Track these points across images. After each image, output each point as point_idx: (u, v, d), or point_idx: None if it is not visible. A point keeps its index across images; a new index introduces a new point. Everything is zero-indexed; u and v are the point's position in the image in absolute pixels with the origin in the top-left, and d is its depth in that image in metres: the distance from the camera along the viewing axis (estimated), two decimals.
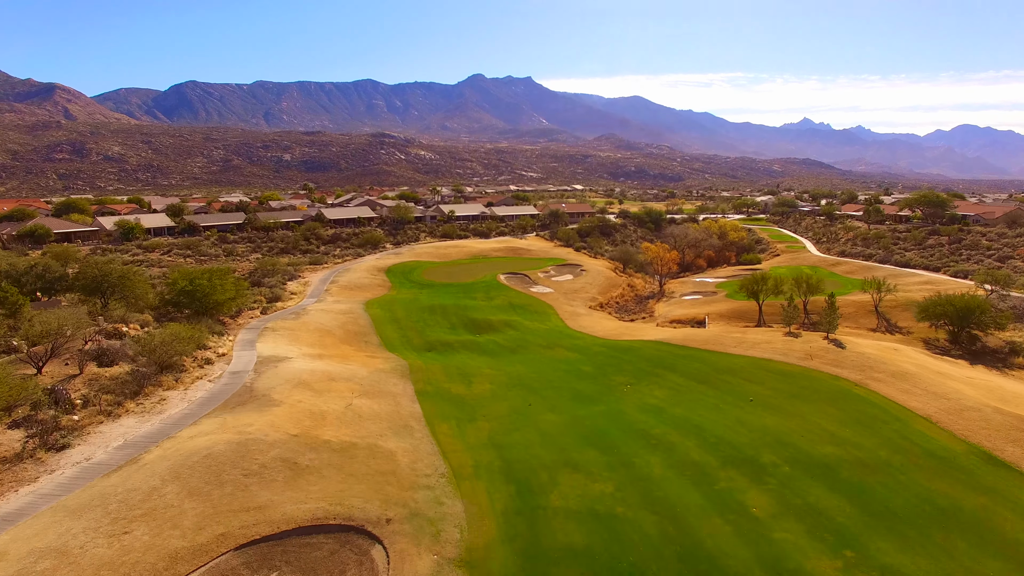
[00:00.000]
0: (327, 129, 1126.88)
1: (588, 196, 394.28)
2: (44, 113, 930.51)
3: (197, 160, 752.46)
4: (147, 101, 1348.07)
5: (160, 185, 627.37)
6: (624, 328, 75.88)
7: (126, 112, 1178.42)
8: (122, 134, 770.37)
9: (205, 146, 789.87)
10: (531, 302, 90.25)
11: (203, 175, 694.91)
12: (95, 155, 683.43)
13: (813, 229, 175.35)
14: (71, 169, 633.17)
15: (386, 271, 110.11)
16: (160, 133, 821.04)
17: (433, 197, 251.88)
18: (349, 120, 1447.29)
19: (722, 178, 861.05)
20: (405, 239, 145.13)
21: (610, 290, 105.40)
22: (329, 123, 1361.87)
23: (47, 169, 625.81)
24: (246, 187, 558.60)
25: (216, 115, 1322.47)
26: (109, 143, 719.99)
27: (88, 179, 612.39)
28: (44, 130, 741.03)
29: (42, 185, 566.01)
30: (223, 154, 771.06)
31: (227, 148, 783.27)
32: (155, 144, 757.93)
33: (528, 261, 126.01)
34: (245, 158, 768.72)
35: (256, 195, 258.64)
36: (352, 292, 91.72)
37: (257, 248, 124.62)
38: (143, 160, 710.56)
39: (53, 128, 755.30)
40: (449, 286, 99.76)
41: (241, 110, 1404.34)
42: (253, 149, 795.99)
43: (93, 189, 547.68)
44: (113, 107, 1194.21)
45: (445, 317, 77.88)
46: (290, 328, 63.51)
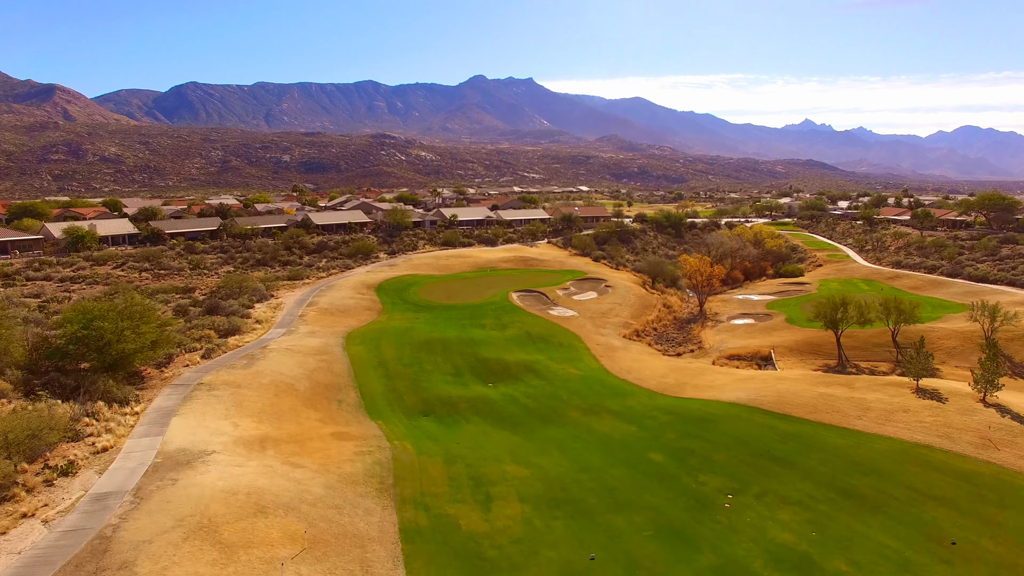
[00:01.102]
0: (328, 130, 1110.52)
1: (595, 198, 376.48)
2: (43, 114, 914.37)
3: (195, 161, 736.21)
4: (148, 102, 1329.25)
5: (157, 186, 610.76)
6: (680, 373, 57.87)
7: (127, 113, 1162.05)
8: (120, 135, 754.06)
9: (203, 147, 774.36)
10: (553, 331, 72.24)
11: (201, 176, 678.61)
12: (91, 156, 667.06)
13: (852, 235, 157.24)
14: (66, 170, 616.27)
15: (377, 288, 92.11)
16: (158, 134, 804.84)
17: (433, 199, 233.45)
18: (350, 121, 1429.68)
19: (726, 179, 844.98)
20: (401, 247, 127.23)
21: (644, 312, 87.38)
22: (330, 124, 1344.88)
23: (42, 170, 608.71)
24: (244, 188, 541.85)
25: (217, 116, 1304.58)
26: (106, 144, 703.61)
27: (83, 180, 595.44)
28: (41, 131, 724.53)
29: (36, 186, 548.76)
30: (221, 155, 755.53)
31: (226, 149, 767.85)
32: (153, 145, 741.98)
33: (542, 275, 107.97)
34: (244, 159, 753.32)
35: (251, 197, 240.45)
36: (333, 319, 73.71)
37: (230, 259, 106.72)
38: (140, 161, 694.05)
39: (50, 129, 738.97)
40: (451, 309, 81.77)
41: (242, 111, 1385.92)
42: (252, 150, 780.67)
43: (88, 191, 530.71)
44: (114, 108, 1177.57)
45: (447, 356, 59.89)
46: (236, 384, 45.58)
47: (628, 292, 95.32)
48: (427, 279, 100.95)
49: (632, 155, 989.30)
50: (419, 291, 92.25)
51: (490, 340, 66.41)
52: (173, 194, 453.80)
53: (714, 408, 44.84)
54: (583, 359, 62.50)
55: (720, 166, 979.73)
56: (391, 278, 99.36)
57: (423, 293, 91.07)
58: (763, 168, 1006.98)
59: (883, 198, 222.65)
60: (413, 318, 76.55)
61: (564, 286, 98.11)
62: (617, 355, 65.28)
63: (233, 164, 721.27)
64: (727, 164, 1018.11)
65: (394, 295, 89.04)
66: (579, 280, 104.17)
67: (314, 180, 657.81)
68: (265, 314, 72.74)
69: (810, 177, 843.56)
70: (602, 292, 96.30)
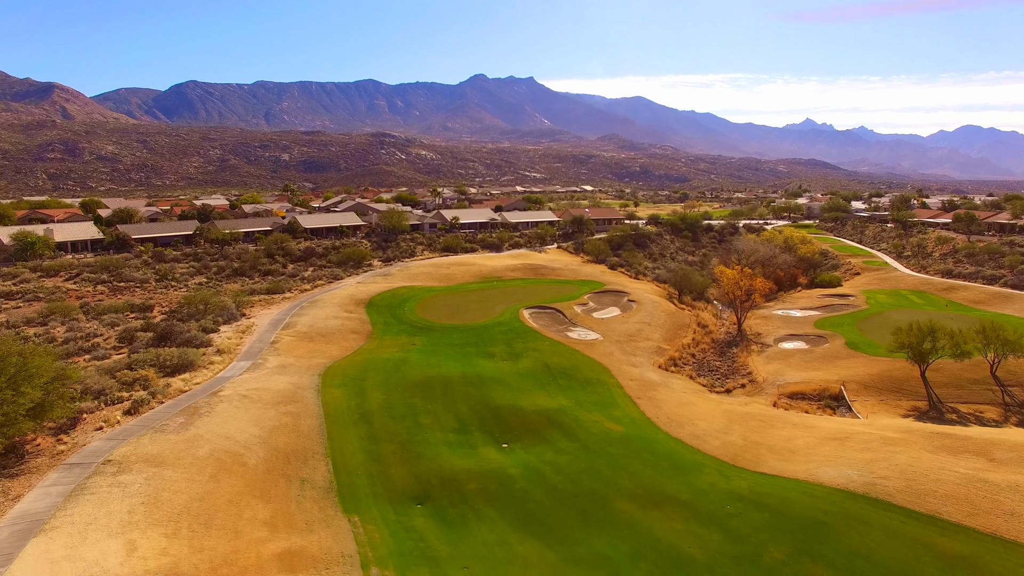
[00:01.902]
0: (328, 129, 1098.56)
1: (599, 198, 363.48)
2: (41, 113, 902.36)
3: (193, 160, 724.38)
4: (147, 101, 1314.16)
5: (154, 186, 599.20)
6: (744, 425, 44.83)
7: (126, 112, 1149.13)
8: (117, 133, 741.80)
9: (202, 146, 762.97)
10: (576, 361, 59.33)
11: (199, 176, 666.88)
12: (88, 155, 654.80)
13: (885, 239, 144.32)
14: (62, 169, 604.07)
15: (367, 304, 79.11)
16: (156, 132, 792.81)
17: (433, 200, 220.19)
18: (350, 120, 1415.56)
19: (728, 179, 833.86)
20: (397, 254, 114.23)
21: (677, 333, 74.39)
22: (330, 123, 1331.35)
23: (37, 169, 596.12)
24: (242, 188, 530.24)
25: (217, 115, 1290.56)
26: (103, 142, 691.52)
27: (79, 179, 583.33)
28: (38, 129, 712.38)
29: (31, 185, 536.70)
30: (220, 154, 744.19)
31: (224, 148, 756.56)
32: (150, 144, 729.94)
33: (556, 286, 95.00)
34: (242, 158, 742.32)
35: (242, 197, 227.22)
36: (311, 347, 60.76)
37: (204, 268, 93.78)
38: (137, 160, 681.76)
39: (48, 127, 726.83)
40: (453, 331, 68.77)
41: (242, 110, 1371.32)
42: (251, 149, 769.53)
43: (84, 190, 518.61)
44: (113, 107, 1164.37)
45: (449, 403, 46.96)
46: (158, 460, 32.74)
47: (656, 308, 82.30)
48: (425, 292, 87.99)
49: (633, 154, 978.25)
50: (416, 308, 79.27)
51: (501, 376, 53.45)
52: (170, 193, 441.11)
53: (820, 499, 31.90)
54: (619, 404, 49.52)
55: (722, 165, 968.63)
56: (384, 291, 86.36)
57: (420, 310, 78.08)
58: (765, 167, 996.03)
59: (906, 198, 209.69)
60: (408, 344, 63.58)
61: (582, 301, 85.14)
62: (658, 396, 52.32)
63: (231, 163, 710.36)
64: (729, 163, 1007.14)
65: (387, 313, 76.05)
66: (598, 293, 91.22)
67: (313, 179, 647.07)
68: (229, 341, 59.72)
69: (812, 177, 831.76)
70: (626, 308, 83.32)
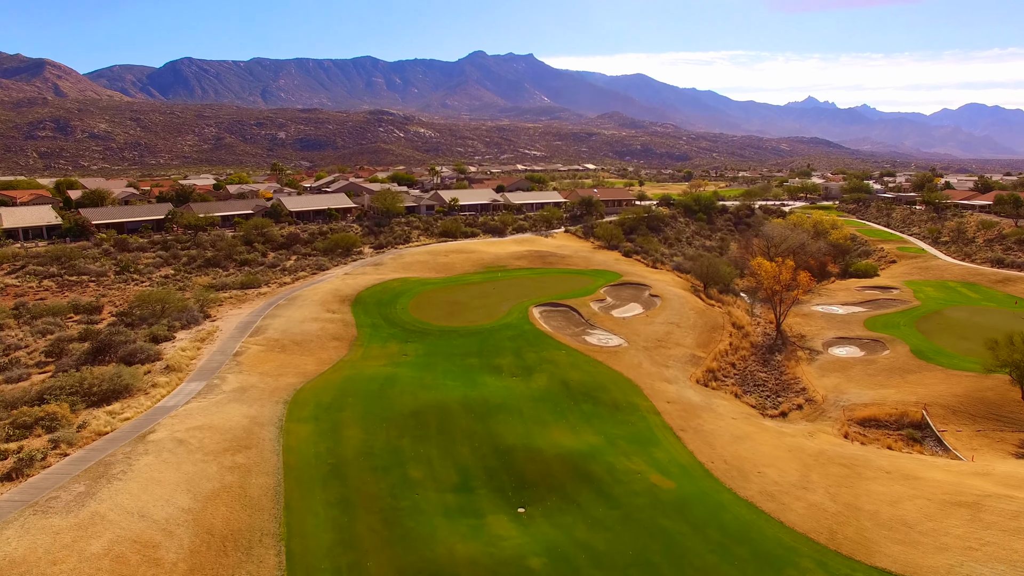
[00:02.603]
0: (325, 107, 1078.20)
1: (603, 176, 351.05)
2: (33, 90, 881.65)
3: (188, 138, 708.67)
4: (142, 78, 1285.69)
5: (148, 164, 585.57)
6: (825, 474, 34.45)
7: (120, 89, 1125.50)
8: (110, 111, 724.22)
9: (197, 124, 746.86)
10: (600, 377, 48.90)
11: (193, 154, 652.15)
12: (80, 133, 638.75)
13: (916, 223, 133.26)
14: (53, 147, 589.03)
15: (353, 302, 68.32)
16: (150, 110, 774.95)
17: (431, 179, 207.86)
18: (348, 98, 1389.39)
19: (730, 157, 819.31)
20: (391, 239, 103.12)
21: (711, 336, 63.80)
22: (327, 101, 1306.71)
23: (28, 147, 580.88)
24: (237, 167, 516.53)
25: (212, 93, 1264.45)
26: (96, 120, 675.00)
27: (71, 158, 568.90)
28: (29, 107, 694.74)
29: (21, 164, 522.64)
30: (215, 132, 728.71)
31: (219, 126, 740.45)
32: (144, 122, 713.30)
33: (567, 278, 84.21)
34: (238, 136, 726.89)
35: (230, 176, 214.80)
36: (281, 360, 50.16)
37: (173, 258, 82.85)
38: (131, 138, 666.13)
39: (39, 104, 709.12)
40: (452, 335, 58.16)
41: (238, 87, 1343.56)
42: (247, 127, 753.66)
43: (76, 168, 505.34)
44: (107, 84, 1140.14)
45: (447, 443, 36.56)
46: (23, 570, 22.49)
47: (683, 306, 71.60)
48: (421, 285, 77.18)
49: (634, 132, 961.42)
50: (409, 305, 68.51)
51: (512, 401, 42.97)
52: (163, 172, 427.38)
53: None
54: (660, 440, 39.08)
55: (724, 143, 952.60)
56: (374, 285, 75.52)
57: (415, 309, 67.34)
58: (767, 146, 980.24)
59: (928, 177, 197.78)
60: (398, 355, 53.01)
61: (598, 296, 74.38)
62: (705, 425, 41.92)
63: (227, 141, 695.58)
64: (731, 141, 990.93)
65: (375, 312, 65.32)
66: (615, 286, 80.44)
67: (310, 158, 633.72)
68: (183, 354, 49.05)
69: (815, 155, 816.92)
70: (648, 305, 72.62)
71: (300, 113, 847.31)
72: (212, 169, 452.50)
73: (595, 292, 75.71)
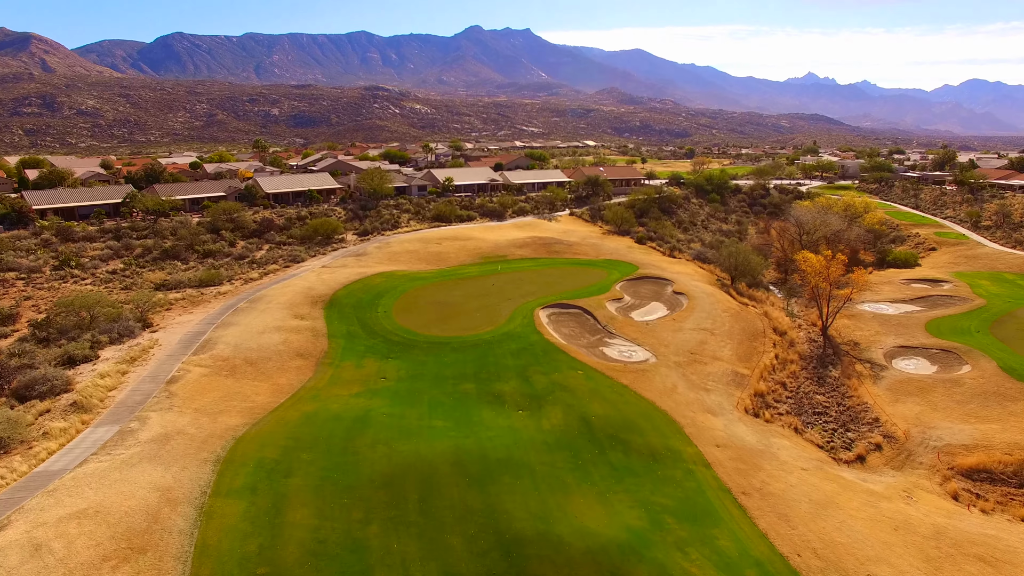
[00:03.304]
0: (320, 83, 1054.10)
1: (604, 153, 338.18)
2: (19, 65, 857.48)
3: (179, 115, 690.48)
4: (132, 54, 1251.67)
5: (137, 142, 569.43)
6: (961, 573, 24.38)
7: (110, 65, 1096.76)
8: (99, 87, 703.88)
9: (188, 100, 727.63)
10: (630, 411, 38.40)
11: (185, 131, 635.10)
12: (67, 109, 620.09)
13: (950, 205, 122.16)
14: (39, 124, 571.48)
15: (328, 304, 57.42)
16: (140, 86, 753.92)
17: (425, 157, 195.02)
18: (343, 74, 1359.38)
19: (730, 134, 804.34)
20: (378, 225, 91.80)
21: (753, 347, 53.16)
22: (322, 76, 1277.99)
23: (13, 124, 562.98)
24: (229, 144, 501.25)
25: (205, 68, 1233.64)
26: (83, 97, 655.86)
27: (58, 135, 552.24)
28: (15, 82, 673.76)
29: (6, 141, 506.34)
30: (207, 109, 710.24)
31: (211, 102, 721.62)
32: (134, 98, 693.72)
33: (576, 269, 73.24)
34: (230, 113, 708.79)
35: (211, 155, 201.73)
36: (227, 387, 39.47)
37: (125, 249, 71.62)
38: (120, 115, 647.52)
39: (25, 80, 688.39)
40: (444, 350, 47.41)
41: (231, 63, 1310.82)
42: (239, 103, 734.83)
43: (63, 146, 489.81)
44: (96, 60, 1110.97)
45: (431, 532, 25.96)
46: None
47: (714, 305, 60.85)
48: (408, 281, 66.18)
49: (633, 108, 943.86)
50: (394, 307, 57.63)
51: (519, 454, 32.39)
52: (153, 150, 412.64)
53: None
54: (719, 515, 28.61)
55: (723, 120, 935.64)
56: (354, 281, 64.52)
57: (400, 312, 56.46)
58: (767, 122, 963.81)
59: (950, 155, 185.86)
60: (375, 377, 42.34)
61: (614, 294, 63.51)
62: (772, 484, 31.50)
63: (219, 118, 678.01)
64: (731, 118, 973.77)
65: (352, 317, 54.44)
66: (632, 281, 69.55)
67: (304, 134, 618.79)
68: (101, 383, 38.22)
69: (816, 132, 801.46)
70: (674, 304, 61.84)
71: (294, 89, 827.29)
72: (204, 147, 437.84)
73: (610, 289, 64.83)
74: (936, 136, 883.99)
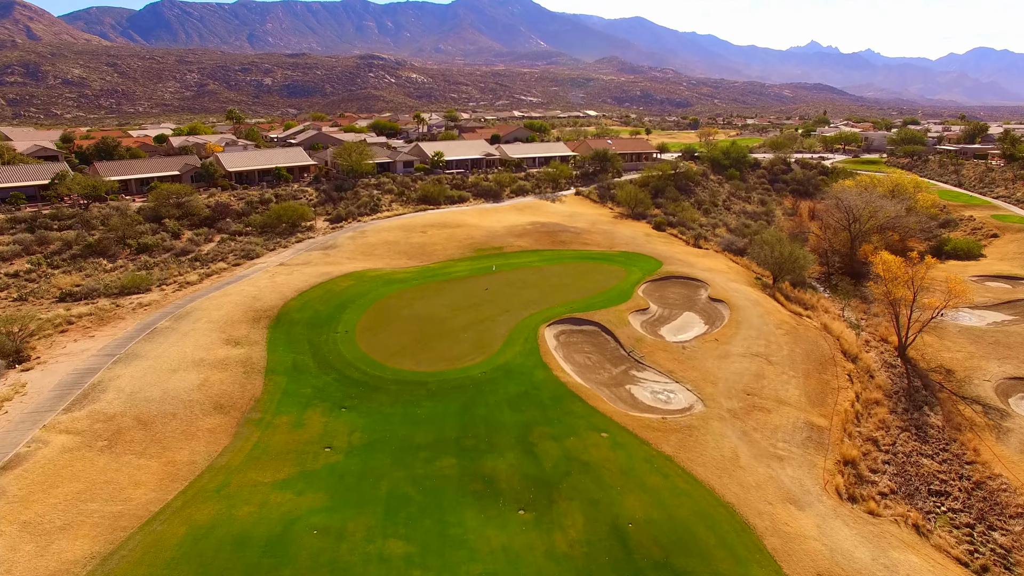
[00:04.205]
0: (314, 51, 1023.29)
1: (606, 124, 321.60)
2: (2, 31, 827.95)
3: (169, 85, 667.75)
4: (121, 21, 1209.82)
5: (125, 112, 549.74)
6: None
7: (99, 33, 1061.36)
8: (85, 56, 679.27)
9: (178, 69, 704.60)
10: (683, 512, 25.75)
11: (175, 101, 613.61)
12: (52, 78, 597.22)
13: (1000, 183, 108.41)
14: (23, 94, 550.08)
15: (274, 319, 44.33)
16: (128, 55, 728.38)
17: (416, 128, 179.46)
18: (337, 42, 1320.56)
19: (732, 104, 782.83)
20: (354, 209, 78.21)
21: (822, 380, 40.23)
22: (317, 45, 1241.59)
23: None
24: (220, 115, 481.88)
25: (197, 36, 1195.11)
26: (69, 65, 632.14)
27: (43, 105, 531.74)
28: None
29: None
30: (198, 78, 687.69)
31: (202, 72, 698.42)
32: (122, 67, 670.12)
33: (587, 266, 60.02)
34: (222, 82, 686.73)
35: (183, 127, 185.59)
36: (97, 470, 26.53)
37: (39, 244, 58.25)
38: (107, 84, 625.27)
39: (8, 48, 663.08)
40: (417, 398, 34.52)
41: (223, 31, 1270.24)
42: (231, 73, 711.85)
43: (48, 116, 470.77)
44: (84, 27, 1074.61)
45: None
46: None
47: (763, 318, 47.88)
48: (382, 285, 53.03)
49: (634, 78, 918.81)
50: (358, 325, 44.57)
51: None
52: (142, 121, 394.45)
53: None
54: None
55: (725, 89, 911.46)
56: (314, 286, 51.36)
57: (366, 333, 43.39)
58: (770, 92, 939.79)
59: (981, 127, 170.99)
60: (317, 445, 29.54)
61: (637, 302, 50.40)
62: None
63: (210, 88, 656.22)
64: (732, 87, 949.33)
65: (303, 340, 41.45)
66: (657, 282, 56.44)
67: (297, 104, 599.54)
68: None
69: (819, 102, 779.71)
70: (712, 316, 48.83)
71: (287, 58, 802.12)
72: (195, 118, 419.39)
73: (632, 295, 51.74)
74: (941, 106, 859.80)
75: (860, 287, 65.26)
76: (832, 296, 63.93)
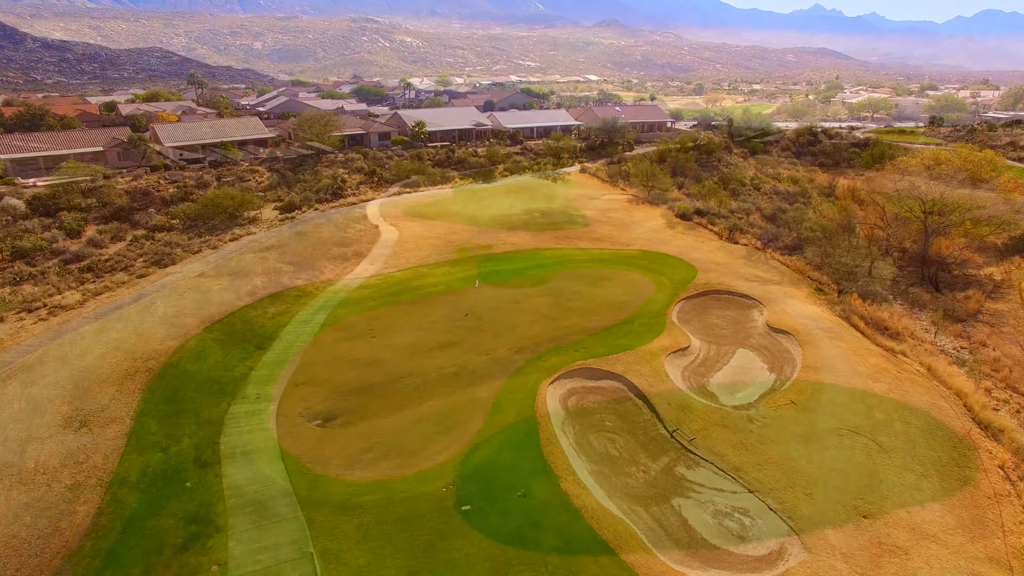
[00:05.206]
0: (307, 14, 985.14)
1: (608, 89, 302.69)
2: None
3: (154, 50, 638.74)
4: None
5: (109, 78, 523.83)
6: None
7: None
8: (67, 18, 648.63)
9: (165, 33, 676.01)
10: None
11: (161, 67, 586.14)
12: (31, 41, 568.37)
13: None
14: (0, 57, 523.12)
15: (159, 374, 30.12)
16: (112, 18, 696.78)
17: (403, 93, 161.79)
18: (331, 4, 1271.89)
19: (734, 68, 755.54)
20: (311, 194, 63.07)
21: (964, 478, 26.64)
22: (309, 8, 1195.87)
23: None
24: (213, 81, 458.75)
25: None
26: (50, 28, 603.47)
27: (21, 70, 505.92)
28: None
29: None
30: (185, 42, 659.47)
31: (190, 35, 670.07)
32: (105, 31, 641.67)
33: (601, 272, 45.50)
34: (210, 47, 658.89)
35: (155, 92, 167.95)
36: None
37: None
38: (90, 49, 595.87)
39: None
40: (348, 536, 20.92)
41: None
42: (219, 37, 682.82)
43: (28, 82, 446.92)
44: None
45: None
46: None
47: (850, 362, 33.77)
48: (323, 312, 38.71)
49: (634, 42, 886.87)
50: (276, 382, 30.43)
51: None
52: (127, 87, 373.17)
53: None
54: None
55: (727, 54, 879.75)
56: (232, 312, 37.02)
57: (290, 398, 29.35)
58: (773, 56, 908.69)
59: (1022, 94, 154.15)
60: None
61: (675, 338, 36.15)
62: None
63: (198, 52, 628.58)
64: (735, 52, 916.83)
65: (190, 414, 27.29)
66: (694, 299, 42.03)
67: (288, 69, 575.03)
68: None
69: (823, 67, 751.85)
70: (775, 356, 34.67)
71: (278, 21, 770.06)
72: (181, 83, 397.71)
73: (665, 324, 37.48)
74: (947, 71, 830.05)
75: (938, 297, 51.22)
76: (906, 308, 49.74)
